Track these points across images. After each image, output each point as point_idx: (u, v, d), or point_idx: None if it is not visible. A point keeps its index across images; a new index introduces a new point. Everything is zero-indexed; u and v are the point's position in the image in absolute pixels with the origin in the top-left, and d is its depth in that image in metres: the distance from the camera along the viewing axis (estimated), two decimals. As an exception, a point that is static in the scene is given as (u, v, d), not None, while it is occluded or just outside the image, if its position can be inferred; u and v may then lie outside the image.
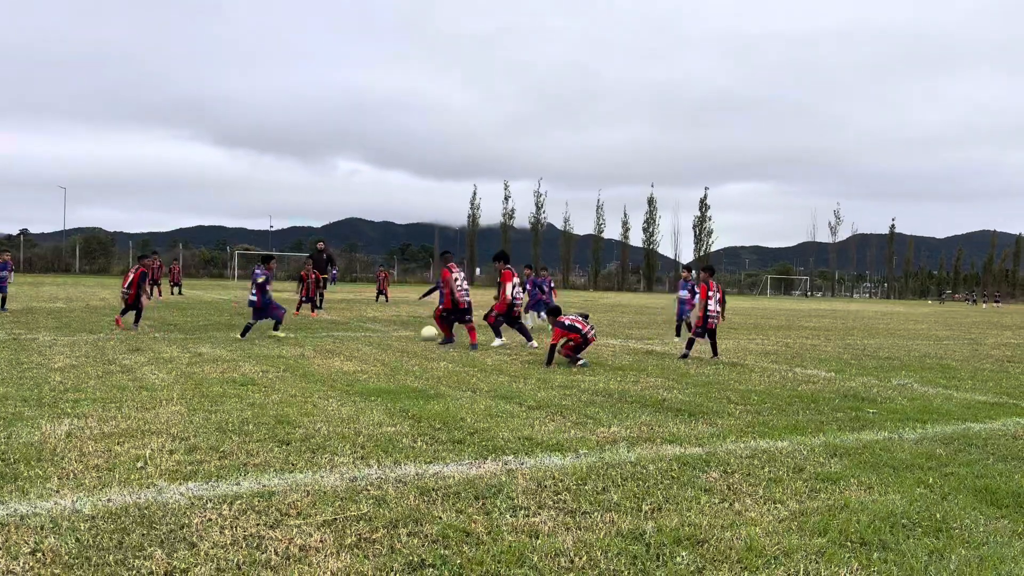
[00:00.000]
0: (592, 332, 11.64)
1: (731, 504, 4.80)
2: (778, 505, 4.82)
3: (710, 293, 13.16)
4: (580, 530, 4.26)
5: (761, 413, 7.96)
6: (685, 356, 12.95)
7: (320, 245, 24.91)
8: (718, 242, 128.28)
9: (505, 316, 14.22)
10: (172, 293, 31.26)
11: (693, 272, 18.60)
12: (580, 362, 11.35)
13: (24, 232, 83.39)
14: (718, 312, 13.29)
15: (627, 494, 4.92)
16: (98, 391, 7.85)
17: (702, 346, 14.24)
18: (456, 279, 13.78)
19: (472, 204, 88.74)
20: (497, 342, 13.98)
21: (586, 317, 11.96)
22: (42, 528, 3.97)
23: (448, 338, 13.90)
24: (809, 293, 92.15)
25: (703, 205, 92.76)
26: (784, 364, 12.74)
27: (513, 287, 14.22)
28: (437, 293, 15.09)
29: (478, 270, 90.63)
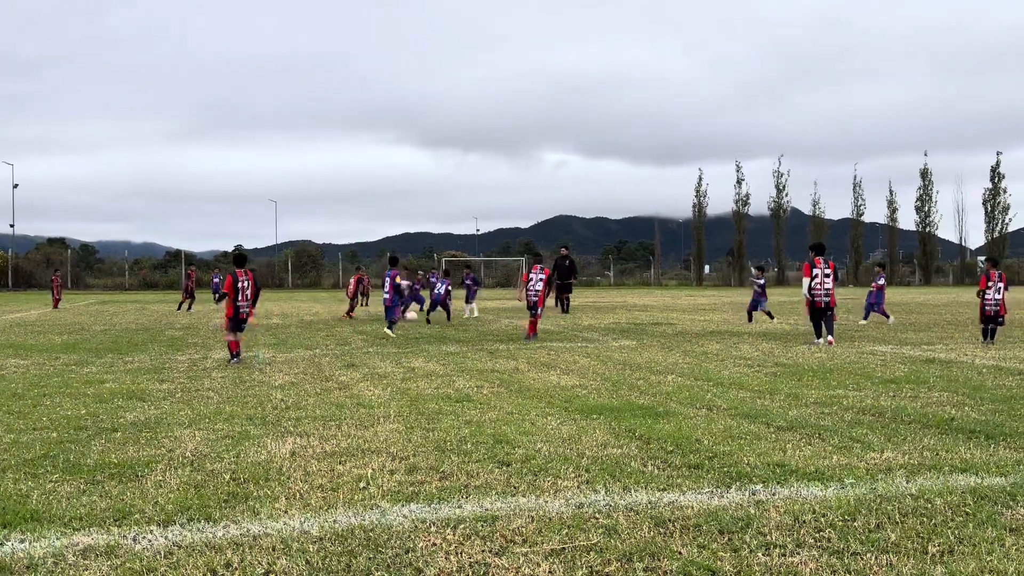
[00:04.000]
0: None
1: (1049, 550, 4.35)
2: (1116, 553, 4.29)
3: (990, 283, 15.82)
4: (850, 574, 4.07)
5: (1087, 436, 7.11)
6: (987, 339, 15.78)
7: (564, 251, 26.53)
8: (1017, 219, 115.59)
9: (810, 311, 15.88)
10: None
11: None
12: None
13: (239, 248, 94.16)
14: (997, 301, 15.80)
15: (908, 533, 4.63)
16: (318, 408, 8.70)
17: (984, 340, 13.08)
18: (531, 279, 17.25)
19: (698, 191, 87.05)
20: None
21: None
22: (273, 549, 4.49)
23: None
24: None
25: (995, 174, 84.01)
26: (1118, 372, 11.25)
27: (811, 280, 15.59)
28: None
29: (707, 268, 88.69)
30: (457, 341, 16.59)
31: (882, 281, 22.26)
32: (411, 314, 23.31)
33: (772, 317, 22.36)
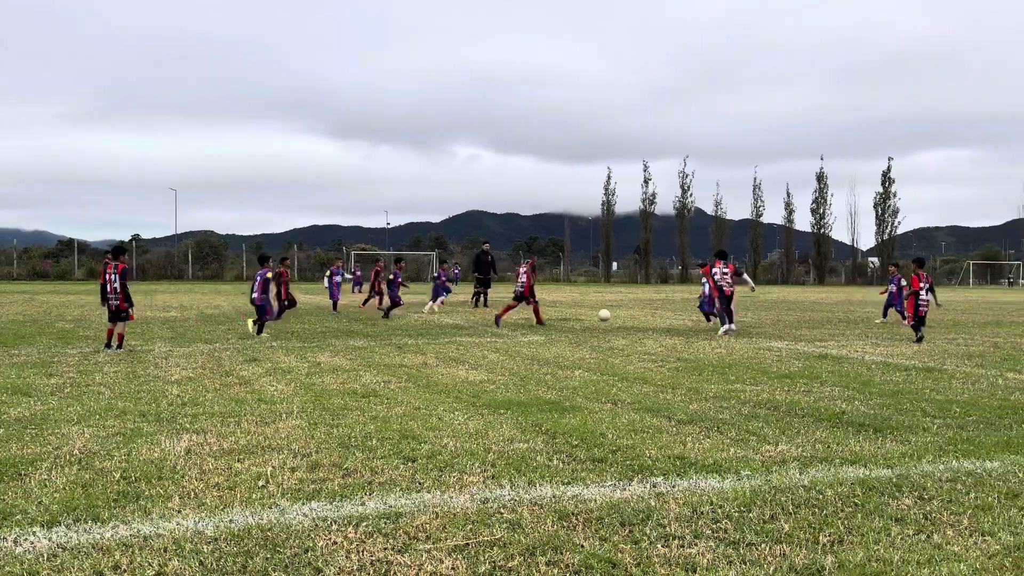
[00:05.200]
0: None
1: (929, 536, 4.57)
2: (987, 538, 4.54)
3: (922, 284, 16.10)
4: (745, 564, 4.18)
5: (965, 428, 7.51)
6: (917, 340, 15.84)
7: (485, 247, 26.82)
8: (906, 222, 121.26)
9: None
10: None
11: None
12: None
13: (136, 238, 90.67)
14: (928, 302, 16.20)
15: (800, 523, 4.78)
16: (216, 405, 8.44)
17: (902, 329, 13.87)
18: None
19: (606, 190, 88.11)
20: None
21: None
22: (165, 550, 4.32)
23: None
24: (1016, 281, 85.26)
25: (886, 179, 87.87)
26: (992, 368, 11.94)
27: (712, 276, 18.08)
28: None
29: (615, 265, 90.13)
30: (365, 336, 16.38)
31: (900, 283, 21.30)
32: (435, 305, 24.38)
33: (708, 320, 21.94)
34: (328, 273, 26.47)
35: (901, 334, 17.91)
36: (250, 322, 16.45)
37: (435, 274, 27.00)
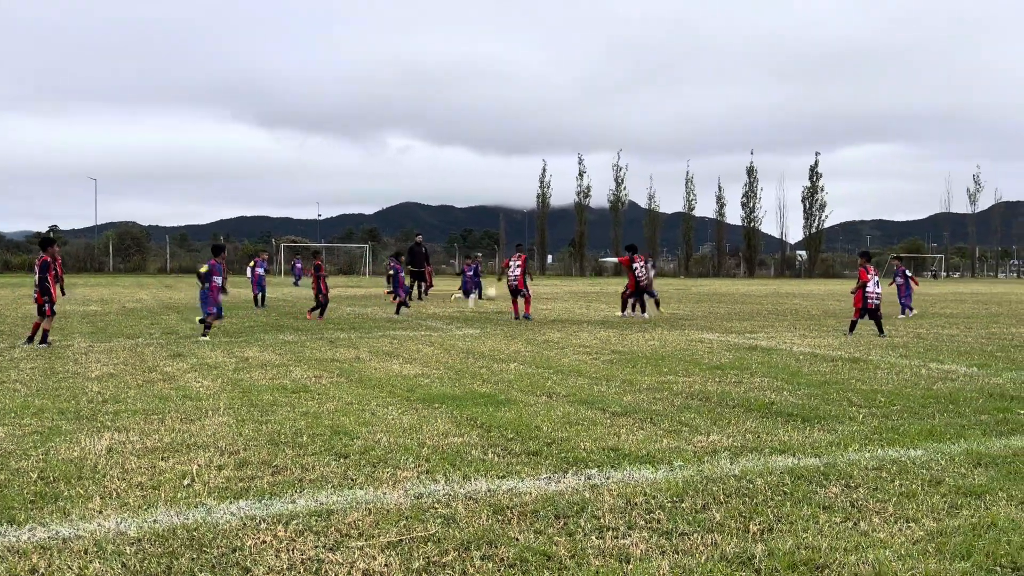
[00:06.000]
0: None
1: (855, 523, 4.71)
2: (912, 524, 4.70)
3: (869, 276, 16.18)
4: (678, 554, 4.24)
5: (889, 417, 7.76)
6: (850, 332, 16.13)
7: (418, 238, 26.86)
8: (833, 216, 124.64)
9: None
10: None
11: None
12: None
13: (53, 229, 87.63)
14: (879, 294, 16.15)
15: (731, 512, 4.88)
16: (139, 402, 8.21)
17: (862, 328, 14.49)
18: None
19: (542, 183, 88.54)
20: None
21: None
22: (86, 552, 4.19)
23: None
24: (939, 273, 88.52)
25: (814, 174, 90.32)
26: (916, 359, 12.37)
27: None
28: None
29: (550, 258, 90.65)
30: (295, 330, 16.14)
31: (905, 275, 21.68)
32: (470, 301, 24.92)
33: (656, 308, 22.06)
34: (251, 264, 25.93)
35: (827, 325, 18.42)
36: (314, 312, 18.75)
37: (462, 268, 27.01)
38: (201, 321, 14.61)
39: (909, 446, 6.56)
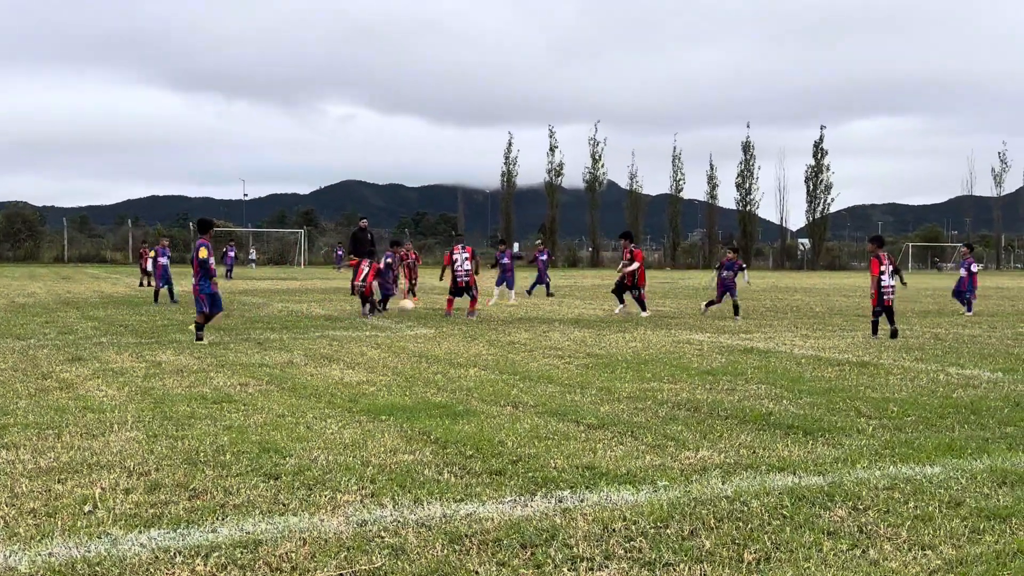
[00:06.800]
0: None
1: (864, 551, 4.77)
2: (928, 552, 4.77)
3: (883, 267, 15.96)
4: (662, 587, 4.27)
5: (903, 429, 7.87)
6: (874, 334, 15.91)
7: (363, 223, 26.67)
8: (840, 199, 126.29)
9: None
10: (142, 284, 31.76)
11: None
12: None
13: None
14: (893, 287, 16.06)
15: (723, 539, 4.92)
16: (31, 414, 8.09)
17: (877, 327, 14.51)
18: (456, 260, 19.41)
19: (507, 158, 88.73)
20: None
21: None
22: (-32, 591, 4.12)
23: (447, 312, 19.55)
24: (943, 266, 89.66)
25: (819, 151, 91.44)
26: (933, 363, 12.57)
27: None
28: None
29: (516, 246, 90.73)
30: (217, 329, 15.99)
31: (973, 267, 21.89)
32: (512, 294, 25.34)
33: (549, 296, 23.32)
34: (153, 254, 25.65)
35: (833, 324, 18.65)
36: (406, 303, 20.70)
37: (496, 258, 26.06)
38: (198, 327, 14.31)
39: (925, 462, 6.66)
